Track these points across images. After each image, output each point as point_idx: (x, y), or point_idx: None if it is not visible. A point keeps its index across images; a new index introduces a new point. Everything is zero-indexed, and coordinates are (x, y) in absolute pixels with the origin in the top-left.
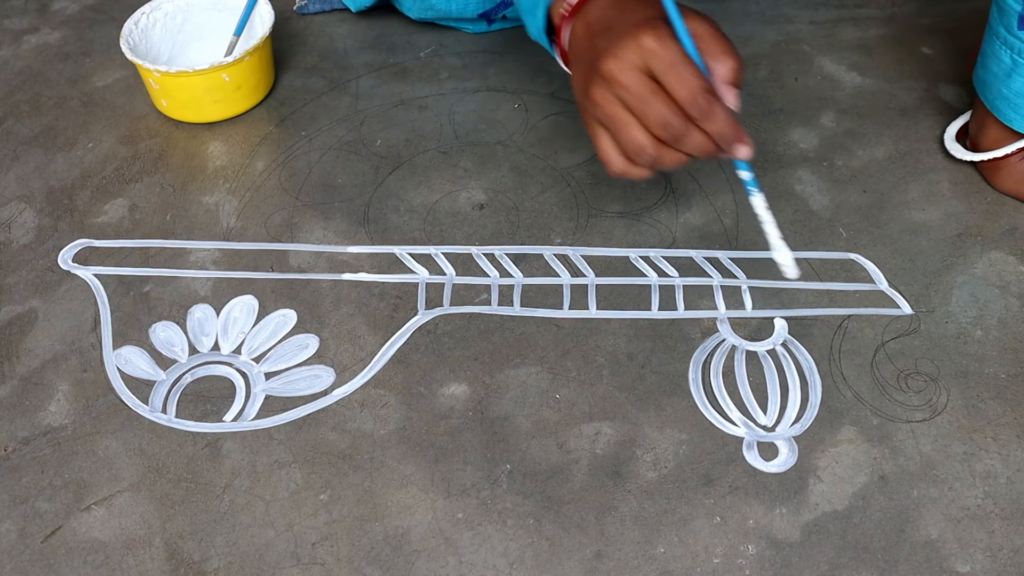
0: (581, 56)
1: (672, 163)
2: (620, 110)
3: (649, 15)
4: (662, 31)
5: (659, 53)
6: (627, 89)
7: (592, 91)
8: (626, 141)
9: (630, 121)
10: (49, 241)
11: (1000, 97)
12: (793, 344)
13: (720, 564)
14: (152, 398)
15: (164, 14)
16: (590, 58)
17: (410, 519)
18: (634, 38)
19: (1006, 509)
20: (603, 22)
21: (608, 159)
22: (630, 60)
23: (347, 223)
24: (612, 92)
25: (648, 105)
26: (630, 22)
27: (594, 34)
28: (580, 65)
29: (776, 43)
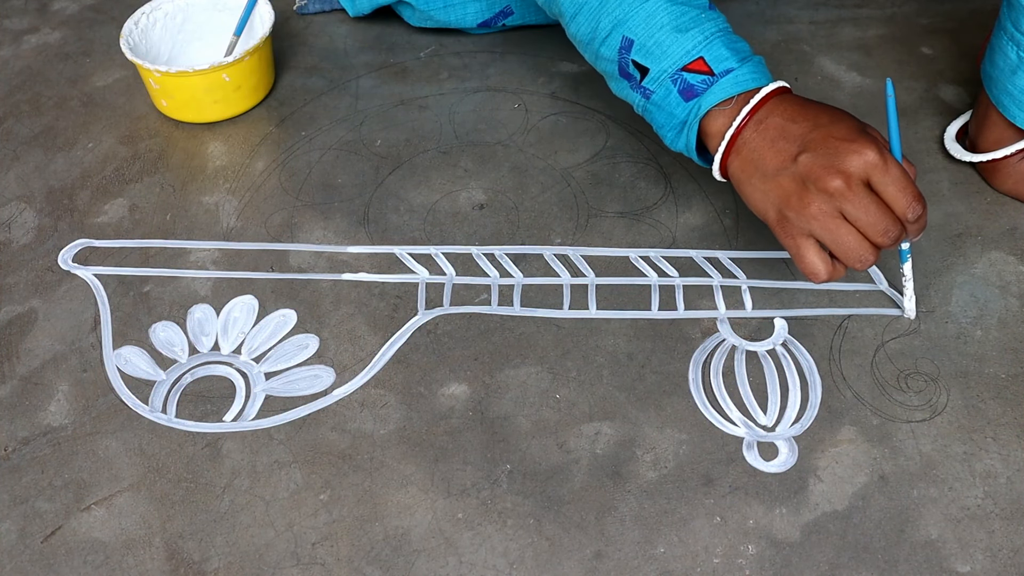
0: (773, 170)
1: None
2: (841, 222)
3: (851, 126)
4: (881, 144)
5: (883, 166)
6: (854, 203)
7: (809, 206)
8: (847, 250)
9: (851, 231)
10: (49, 241)
11: (1005, 93)
12: (793, 344)
13: (720, 564)
14: (152, 398)
15: (164, 14)
16: (795, 172)
17: (410, 519)
18: (858, 153)
19: (1006, 509)
20: (794, 135)
21: (815, 269)
22: (856, 174)
23: (347, 223)
24: (833, 205)
25: (876, 216)
26: (839, 136)
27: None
28: (771, 179)
29: (776, 43)
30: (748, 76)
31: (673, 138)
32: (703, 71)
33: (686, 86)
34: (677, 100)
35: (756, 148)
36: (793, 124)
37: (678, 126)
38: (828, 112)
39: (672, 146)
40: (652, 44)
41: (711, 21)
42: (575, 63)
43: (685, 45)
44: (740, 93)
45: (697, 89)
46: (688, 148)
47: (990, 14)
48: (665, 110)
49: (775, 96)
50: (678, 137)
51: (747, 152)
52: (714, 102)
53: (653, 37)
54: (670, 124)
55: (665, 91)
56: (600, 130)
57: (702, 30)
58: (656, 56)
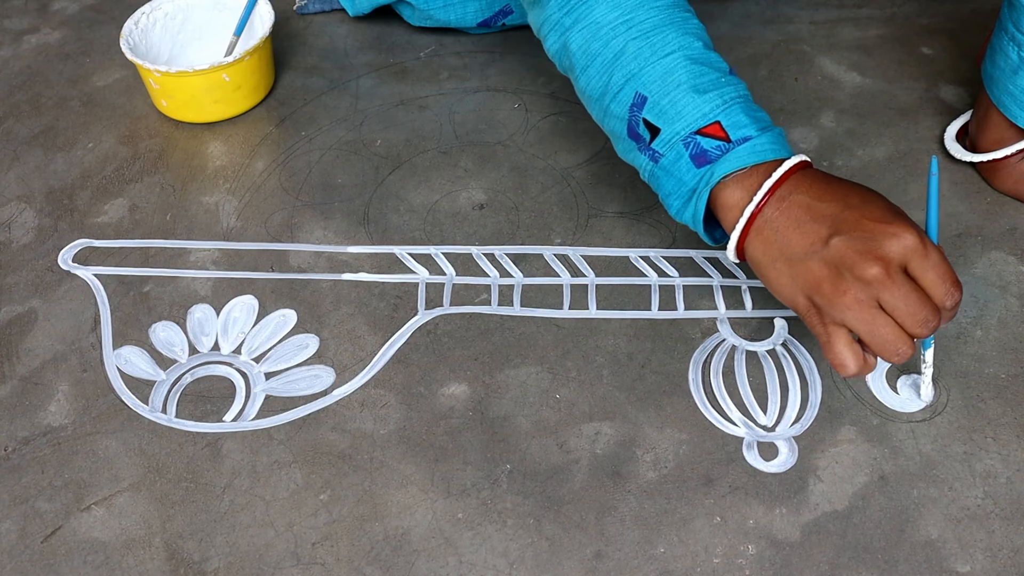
0: (800, 253)
1: None
2: (878, 312)
3: (886, 207)
4: (919, 230)
5: (923, 252)
6: (893, 292)
7: (845, 295)
8: (884, 342)
9: (888, 322)
10: (49, 241)
11: (1006, 93)
12: (793, 344)
13: (720, 564)
14: (152, 398)
15: (164, 14)
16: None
17: (410, 519)
18: (897, 237)
19: (1006, 509)
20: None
21: (846, 362)
22: (896, 260)
23: (347, 223)
24: (870, 294)
25: (914, 306)
26: (874, 217)
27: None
28: (799, 263)
29: (776, 43)
30: (767, 146)
31: (680, 208)
32: (719, 136)
33: (699, 151)
34: (688, 165)
35: (780, 229)
36: (821, 203)
37: (687, 194)
38: (858, 191)
39: (678, 217)
40: (667, 103)
41: (732, 86)
42: None
43: (702, 108)
44: (757, 164)
45: (711, 155)
46: (695, 220)
47: (990, 14)
48: (674, 176)
49: (798, 171)
50: (685, 207)
51: (769, 232)
52: (728, 170)
53: (669, 95)
54: (678, 192)
55: (676, 155)
56: (600, 130)
57: (721, 93)
58: (670, 116)
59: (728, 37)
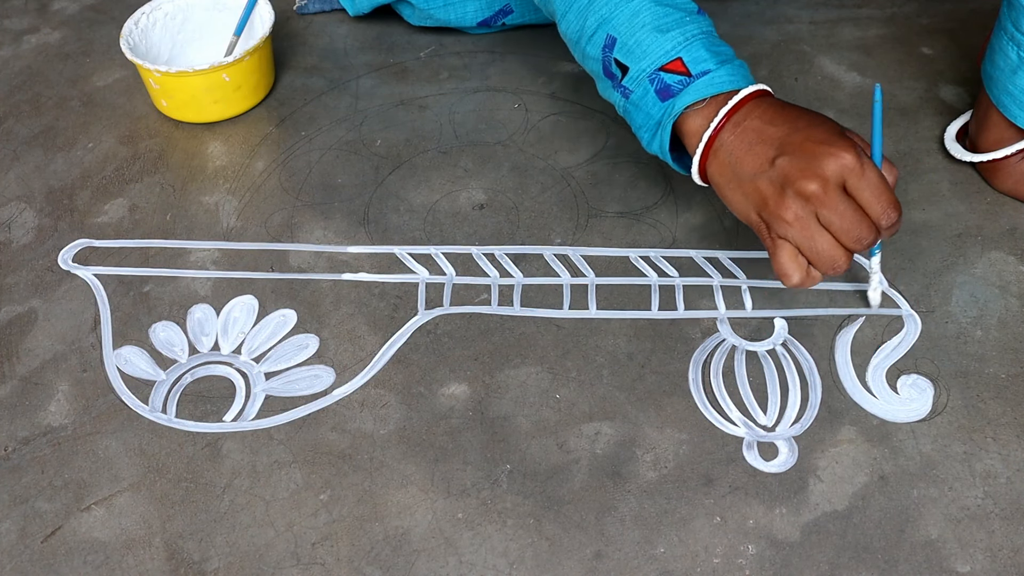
0: (749, 173)
1: None
2: (816, 226)
3: (830, 130)
4: (858, 148)
5: (859, 170)
6: (829, 207)
7: (785, 210)
8: (821, 255)
9: (825, 236)
10: (49, 241)
11: (1005, 93)
12: (793, 344)
13: (720, 564)
14: (152, 398)
15: (164, 14)
16: (772, 176)
17: (410, 519)
18: (834, 156)
19: (1006, 509)
20: (772, 138)
21: (788, 272)
22: (832, 178)
23: (347, 223)
24: (808, 209)
25: (850, 221)
26: (816, 139)
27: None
28: (749, 182)
29: (776, 43)
30: (725, 78)
31: (649, 139)
32: (680, 71)
33: (663, 86)
34: (654, 100)
35: (734, 151)
36: (771, 127)
37: (654, 127)
38: (807, 116)
39: (648, 148)
40: (633, 43)
41: (694, 24)
42: (575, 63)
43: (664, 45)
44: (717, 95)
45: (673, 89)
46: (662, 150)
47: (990, 14)
48: (643, 110)
49: (754, 99)
50: (653, 138)
51: (724, 155)
52: (688, 102)
53: (635, 36)
54: (647, 124)
55: (643, 90)
56: (600, 130)
57: (683, 31)
58: (636, 55)
59: (728, 37)
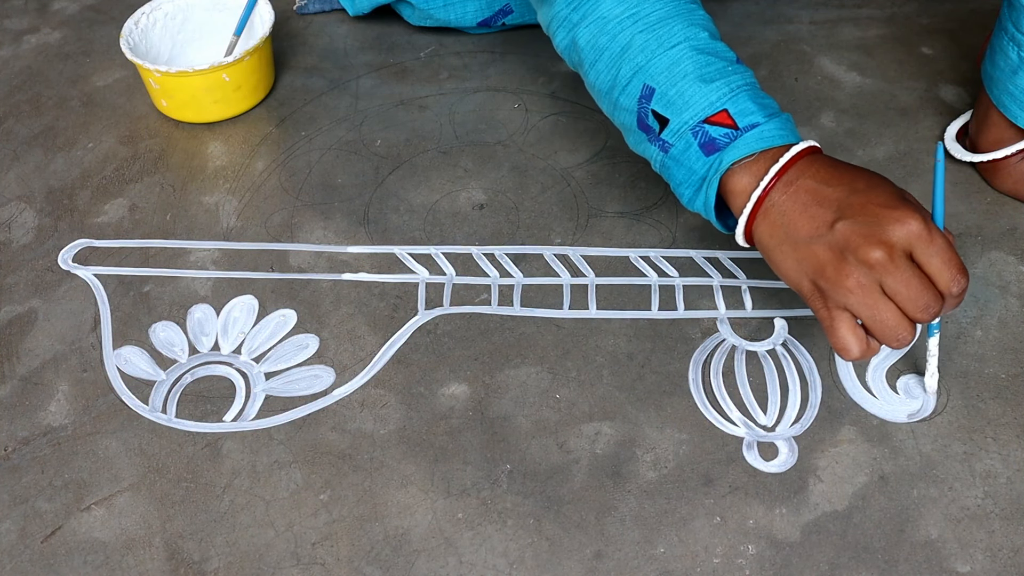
0: (805, 237)
1: None
2: (880, 297)
3: (891, 193)
4: (926, 215)
5: (928, 238)
6: (896, 276)
7: (846, 278)
8: (884, 327)
9: (890, 307)
10: (49, 241)
11: (1006, 93)
12: (793, 344)
13: (720, 564)
14: (152, 398)
15: (164, 14)
16: (831, 241)
17: (410, 519)
18: (902, 222)
19: (1006, 509)
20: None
21: (848, 345)
22: (900, 245)
23: (347, 223)
24: (872, 278)
25: (916, 291)
26: (878, 203)
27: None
28: (804, 247)
29: (776, 43)
30: (775, 132)
31: (691, 196)
32: (727, 124)
33: (707, 139)
34: (697, 154)
35: (786, 212)
36: (828, 187)
37: (697, 183)
38: (865, 176)
39: (690, 206)
40: (674, 93)
41: (738, 74)
42: None
43: (709, 96)
44: (765, 150)
45: (719, 143)
46: (707, 207)
47: (990, 14)
48: (684, 165)
49: (805, 156)
50: (696, 195)
51: (776, 216)
52: (737, 157)
53: (676, 86)
54: (689, 181)
55: (685, 144)
56: (600, 130)
57: (728, 82)
58: (677, 107)
59: (728, 37)
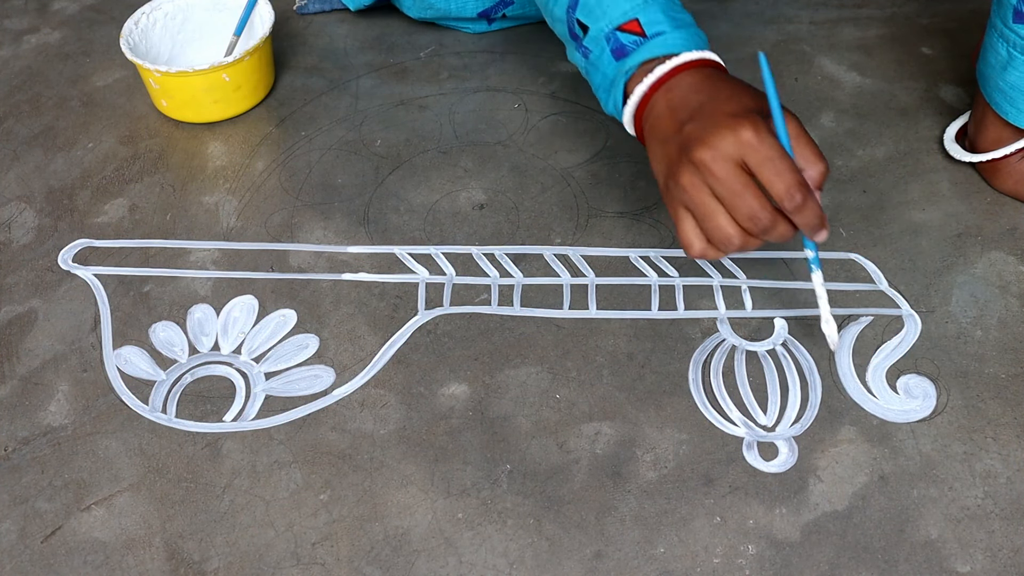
0: (665, 136)
1: (751, 248)
2: (709, 198)
3: (745, 104)
4: (760, 124)
5: (757, 146)
6: (719, 180)
7: (681, 176)
8: (713, 230)
9: (718, 210)
10: (49, 241)
11: (997, 90)
12: (793, 344)
13: (720, 564)
14: (152, 398)
15: (164, 14)
16: (679, 141)
17: (410, 519)
18: (732, 129)
19: (1006, 509)
20: (690, 105)
21: (689, 242)
22: (726, 151)
23: (347, 223)
24: (702, 179)
25: (740, 198)
26: (725, 111)
27: (680, 116)
28: (663, 145)
29: (776, 43)
30: (678, 41)
31: (605, 100)
32: (636, 32)
33: (618, 45)
34: (609, 59)
35: (660, 114)
36: (695, 94)
37: (608, 86)
38: (734, 88)
39: (605, 108)
40: (594, 3)
41: None
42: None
43: (623, 6)
44: (666, 56)
45: (627, 49)
46: (616, 109)
47: (989, 14)
48: (599, 69)
49: (694, 67)
50: (608, 97)
51: (653, 117)
52: (639, 60)
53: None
54: (603, 85)
55: (600, 50)
56: (600, 130)
57: None
58: (596, 15)
59: (728, 37)
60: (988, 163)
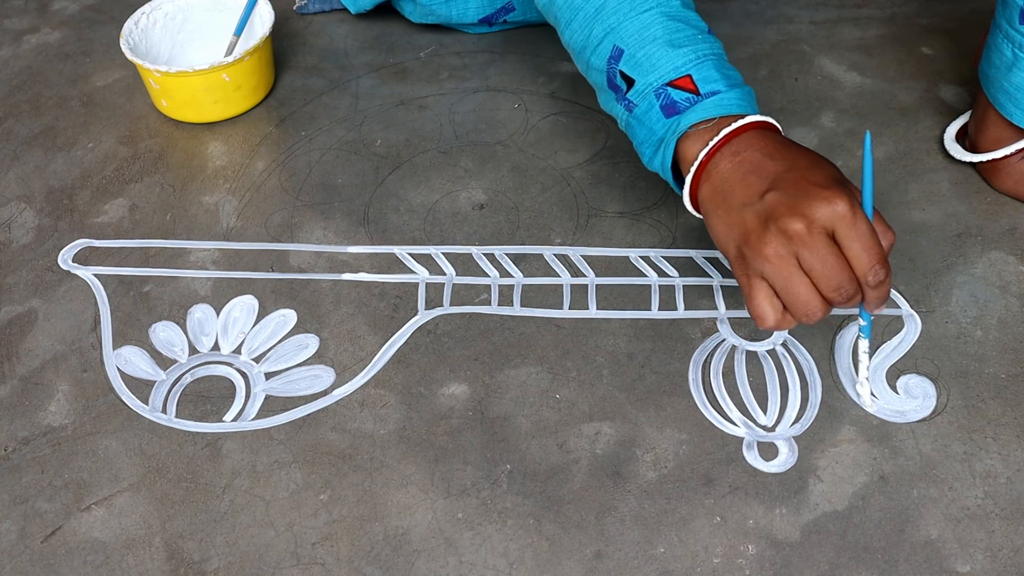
0: (739, 203)
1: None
2: (795, 269)
3: (831, 175)
4: (854, 199)
5: (851, 221)
6: (811, 250)
7: (764, 246)
8: (795, 299)
9: (804, 281)
10: (49, 241)
11: (1001, 91)
12: (793, 344)
13: (720, 564)
14: (152, 398)
15: (164, 14)
16: (759, 209)
17: (410, 519)
18: (828, 201)
19: (1006, 509)
20: (768, 172)
21: (763, 313)
22: (820, 221)
23: (347, 223)
24: (789, 249)
25: (831, 269)
26: (813, 181)
27: (755, 183)
28: (737, 212)
29: (776, 43)
30: (733, 101)
31: (651, 156)
32: (689, 89)
33: (669, 102)
34: (658, 116)
35: (727, 179)
36: (769, 160)
37: (656, 143)
38: (809, 156)
39: (649, 165)
40: (642, 56)
41: (706, 43)
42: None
43: (675, 61)
44: (722, 117)
45: (679, 106)
46: (664, 168)
47: (990, 14)
48: (646, 125)
49: (756, 129)
50: (655, 155)
51: (717, 181)
52: (694, 120)
53: (644, 49)
54: (649, 140)
55: (648, 105)
56: (600, 130)
57: (695, 49)
58: (644, 69)
59: (728, 37)
60: (988, 163)
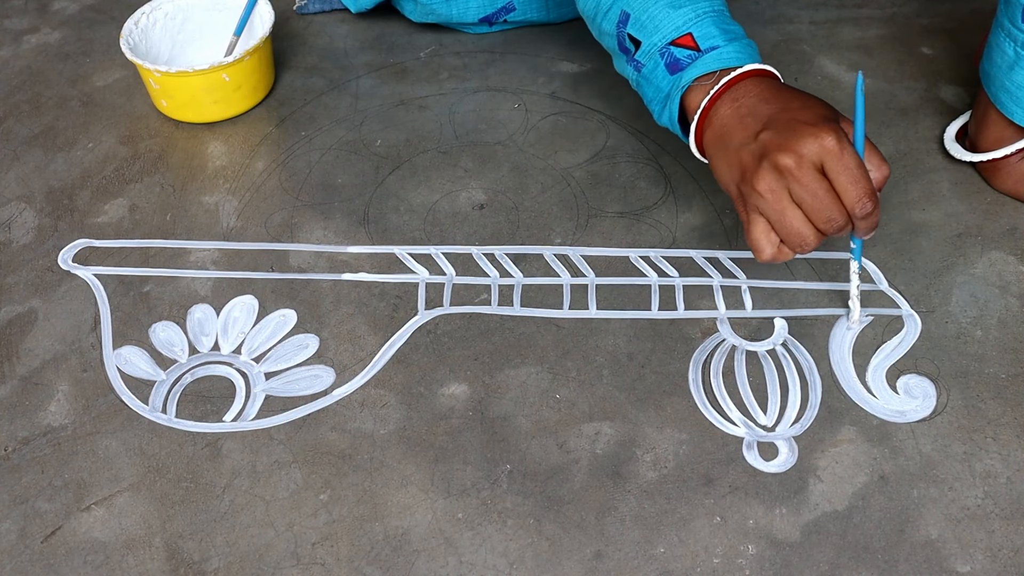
0: (737, 143)
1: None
2: (788, 202)
3: (820, 114)
4: (842, 133)
5: (838, 154)
6: (801, 184)
7: (759, 181)
8: (789, 231)
9: (796, 213)
10: (49, 241)
11: (1002, 89)
12: (793, 344)
13: (720, 564)
14: (152, 398)
15: (164, 14)
16: (754, 148)
17: (410, 519)
18: (815, 136)
19: (1006, 509)
20: (762, 114)
21: (760, 246)
22: (809, 156)
23: (347, 223)
24: (782, 184)
25: (821, 201)
26: (802, 119)
27: (751, 124)
28: (735, 152)
29: (776, 43)
30: (732, 55)
31: (659, 112)
32: (690, 46)
33: (672, 60)
34: (663, 73)
35: (727, 124)
36: (765, 104)
37: (663, 99)
38: (804, 98)
39: (659, 120)
40: (646, 18)
41: (706, 2)
42: (575, 63)
43: (676, 20)
44: (722, 70)
45: (682, 63)
46: (672, 121)
47: (990, 14)
48: (653, 83)
49: (754, 76)
50: (663, 111)
51: (718, 127)
52: (695, 75)
53: (648, 11)
54: (657, 98)
55: (653, 64)
56: (600, 130)
57: (695, 8)
58: (648, 30)
59: None
60: (988, 163)
